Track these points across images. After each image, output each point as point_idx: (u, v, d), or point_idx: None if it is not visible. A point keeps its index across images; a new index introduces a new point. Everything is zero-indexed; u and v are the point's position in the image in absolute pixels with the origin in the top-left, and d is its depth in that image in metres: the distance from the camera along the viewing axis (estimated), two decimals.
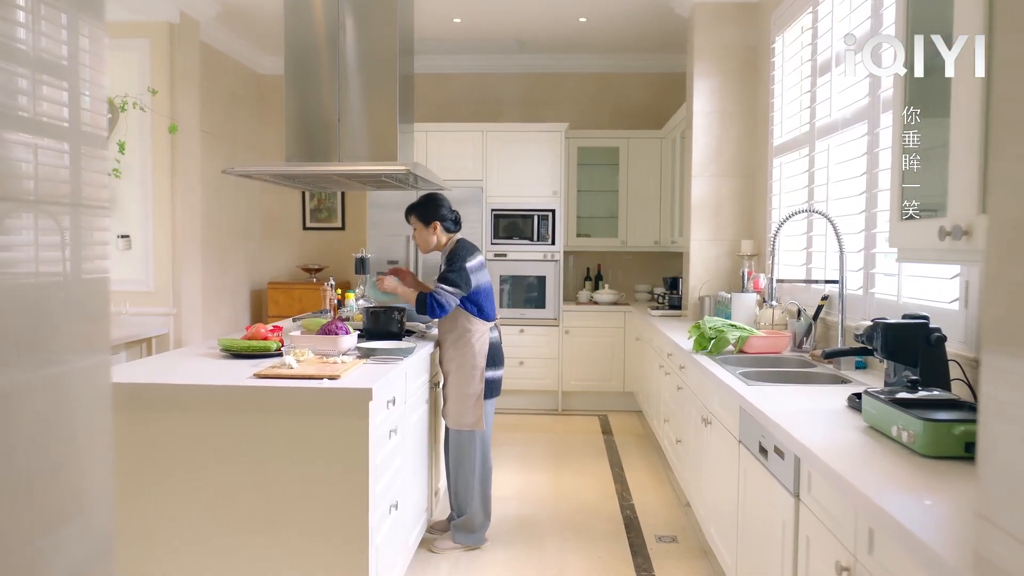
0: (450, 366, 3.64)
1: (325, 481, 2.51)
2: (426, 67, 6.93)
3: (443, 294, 3.48)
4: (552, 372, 6.55)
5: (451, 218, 3.73)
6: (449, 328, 3.65)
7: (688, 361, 3.78)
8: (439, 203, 3.71)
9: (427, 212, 3.69)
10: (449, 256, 3.62)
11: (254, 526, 2.54)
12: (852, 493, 1.69)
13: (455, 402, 3.61)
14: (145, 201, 5.38)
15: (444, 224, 3.70)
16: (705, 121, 5.25)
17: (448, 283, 3.50)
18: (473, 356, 3.60)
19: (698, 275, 5.35)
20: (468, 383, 3.59)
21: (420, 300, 3.50)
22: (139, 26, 5.32)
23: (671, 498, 4.42)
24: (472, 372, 3.59)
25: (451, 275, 3.52)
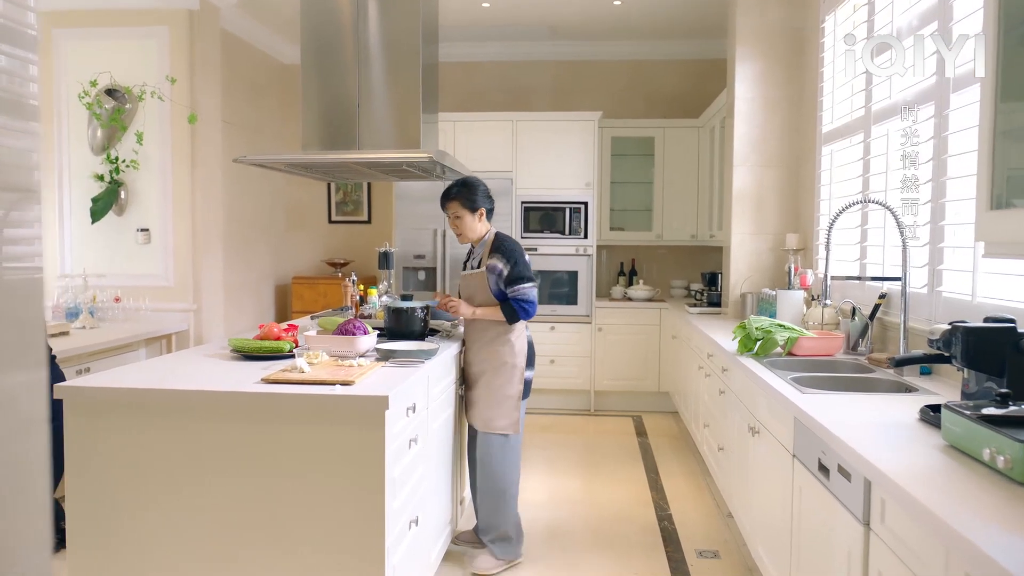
0: (484, 365, 3.40)
1: (337, 496, 2.30)
2: (453, 55, 6.71)
3: (524, 292, 3.31)
4: (584, 371, 6.30)
5: (492, 204, 3.51)
6: (486, 325, 3.41)
7: (732, 363, 3.52)
8: (483, 188, 3.47)
9: (473, 197, 3.40)
10: (501, 250, 3.35)
11: (260, 543, 2.34)
12: (943, 530, 1.43)
13: (489, 404, 3.38)
14: (164, 194, 5.23)
15: (488, 209, 3.46)
16: (747, 108, 4.96)
17: (524, 280, 3.32)
18: (513, 355, 3.38)
19: (739, 271, 5.06)
20: (507, 384, 3.36)
21: (508, 311, 3.31)
22: (157, 13, 5.16)
23: (711, 508, 4.16)
24: (512, 372, 3.37)
25: (524, 271, 3.34)
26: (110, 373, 2.68)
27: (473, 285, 3.42)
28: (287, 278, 7.16)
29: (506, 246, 3.36)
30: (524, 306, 3.31)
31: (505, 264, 3.32)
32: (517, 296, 3.30)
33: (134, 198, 5.25)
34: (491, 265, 3.33)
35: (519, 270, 3.32)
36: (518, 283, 3.31)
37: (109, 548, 2.40)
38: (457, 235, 3.47)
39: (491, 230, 3.48)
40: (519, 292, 3.30)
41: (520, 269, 3.33)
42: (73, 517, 2.41)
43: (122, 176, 5.20)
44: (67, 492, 2.42)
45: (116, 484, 2.38)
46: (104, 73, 5.11)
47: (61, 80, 5.23)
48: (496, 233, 3.46)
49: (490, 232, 3.47)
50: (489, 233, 3.46)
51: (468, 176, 3.51)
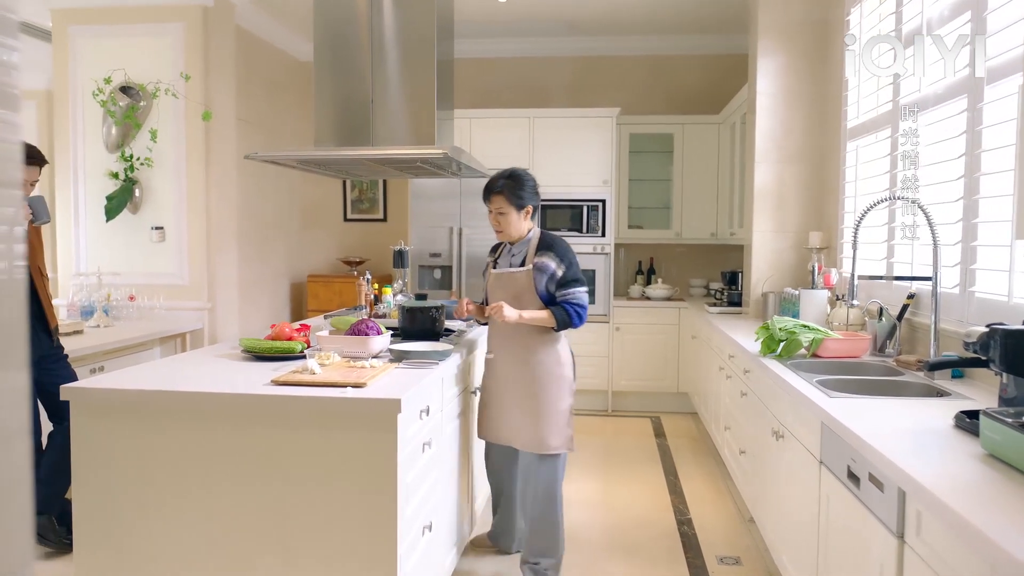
0: (526, 379, 3.08)
1: (348, 502, 2.23)
2: (469, 51, 6.64)
3: (578, 296, 3.03)
4: (602, 371, 6.22)
5: (539, 203, 3.20)
6: (527, 332, 3.08)
7: (754, 365, 3.42)
8: (532, 182, 3.14)
9: (521, 193, 3.08)
10: (553, 248, 3.06)
11: (268, 548, 2.28)
12: (986, 546, 1.35)
13: (540, 421, 3.06)
14: (179, 192, 5.20)
15: (535, 207, 3.14)
16: (769, 103, 4.85)
17: (578, 284, 3.05)
18: (560, 365, 3.10)
19: (760, 269, 4.95)
20: (557, 398, 3.08)
21: (561, 316, 3.01)
22: (172, 10, 5.13)
23: (732, 513, 4.06)
24: (561, 384, 3.09)
25: (578, 273, 3.07)
26: (117, 374, 2.63)
27: (513, 286, 3.09)
28: (302, 276, 7.13)
29: (559, 245, 3.09)
30: (579, 311, 3.02)
31: (559, 264, 3.04)
32: (570, 300, 3.02)
33: (149, 196, 5.23)
34: (541, 263, 3.04)
35: (574, 272, 3.06)
36: (571, 286, 3.03)
37: (116, 550, 2.35)
38: (497, 232, 3.16)
39: (535, 228, 3.19)
40: (573, 296, 3.03)
41: (575, 271, 3.07)
42: (80, 519, 2.37)
43: (137, 174, 5.18)
44: (74, 493, 2.37)
45: (123, 486, 2.33)
46: (119, 70, 5.08)
47: (77, 78, 5.21)
48: (541, 231, 3.18)
49: (534, 230, 3.18)
50: (533, 231, 3.17)
51: (516, 168, 3.17)
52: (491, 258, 3.31)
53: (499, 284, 3.15)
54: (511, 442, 3.18)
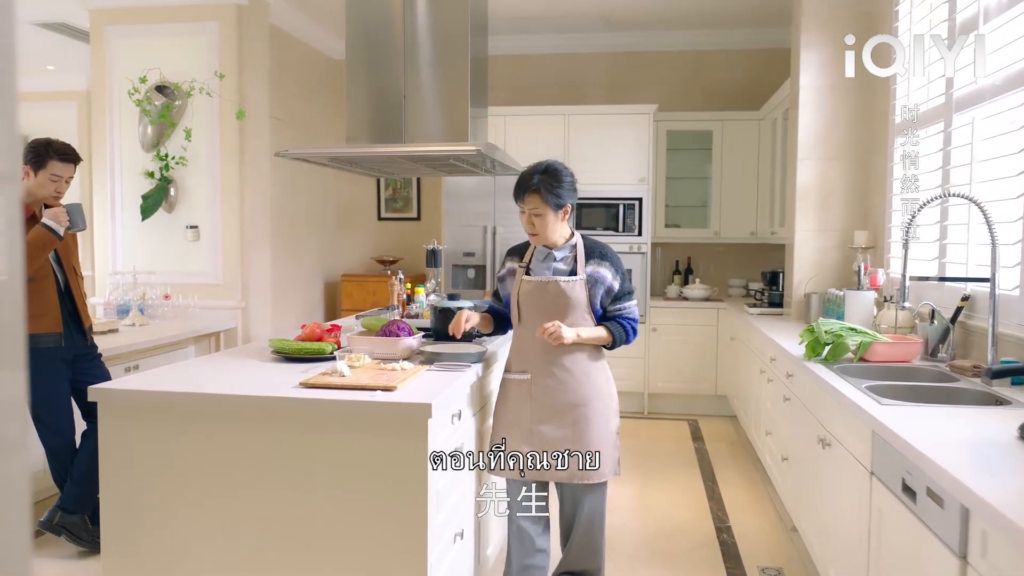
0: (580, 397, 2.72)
1: (376, 509, 2.17)
2: (504, 48, 6.57)
3: (632, 310, 2.78)
4: (638, 372, 6.10)
5: (576, 202, 2.80)
6: (576, 350, 2.73)
7: (798, 369, 3.29)
8: (570, 178, 2.74)
9: (559, 191, 2.67)
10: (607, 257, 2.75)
11: (294, 555, 2.22)
12: None
13: (592, 446, 2.72)
14: (213, 191, 5.20)
15: (574, 206, 2.77)
16: (813, 97, 4.69)
17: (631, 296, 2.79)
18: (609, 382, 2.84)
19: (803, 269, 4.80)
20: (608, 418, 2.80)
21: (618, 332, 2.75)
22: (207, 8, 5.13)
23: (773, 521, 3.93)
24: (611, 403, 2.82)
25: (630, 287, 2.81)
26: (144, 375, 2.60)
27: (562, 296, 2.68)
28: (336, 275, 7.11)
29: (612, 253, 2.78)
30: (634, 326, 2.77)
31: (615, 276, 2.73)
32: (625, 315, 2.75)
33: (183, 195, 5.24)
34: (598, 274, 2.70)
35: (628, 284, 2.79)
36: (626, 299, 2.76)
37: (143, 552, 2.32)
38: (531, 235, 2.74)
39: (576, 233, 2.82)
40: (627, 311, 2.76)
41: (629, 283, 2.80)
42: (107, 520, 2.34)
43: (171, 173, 5.19)
44: (102, 494, 2.35)
45: (150, 488, 2.30)
46: (154, 69, 5.10)
47: (114, 77, 5.24)
48: (584, 235, 2.83)
49: (576, 235, 2.80)
50: (576, 236, 2.80)
51: (552, 161, 2.75)
52: (517, 263, 2.84)
53: (541, 296, 2.70)
54: (547, 476, 2.74)
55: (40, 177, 3.24)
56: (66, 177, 3.30)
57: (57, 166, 3.25)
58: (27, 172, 3.27)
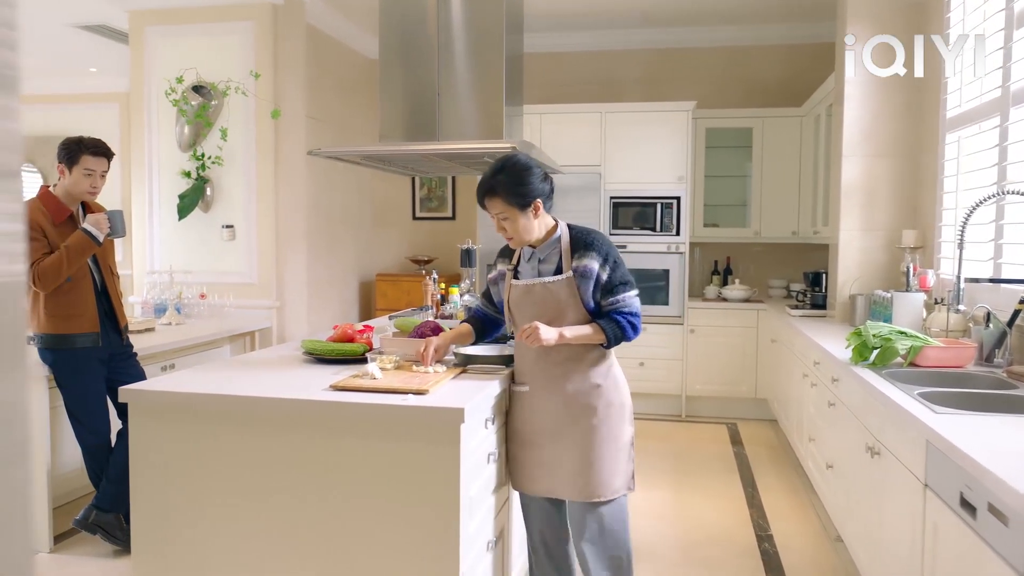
0: (582, 408, 2.48)
1: (407, 515, 2.12)
2: (540, 46, 6.49)
3: (629, 302, 2.46)
4: (675, 374, 5.99)
5: (549, 190, 2.50)
6: (571, 354, 2.48)
7: (844, 373, 3.17)
8: (530, 170, 2.45)
9: (521, 188, 2.41)
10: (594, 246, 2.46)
11: (323, 560, 2.18)
12: None
13: (598, 461, 2.48)
14: (248, 190, 5.21)
15: (545, 200, 2.48)
16: (859, 92, 4.54)
17: (627, 286, 2.47)
18: (618, 390, 2.55)
19: (847, 270, 4.66)
20: (620, 428, 2.54)
21: (611, 329, 2.43)
22: (244, 8, 5.14)
23: (816, 529, 3.81)
24: (622, 412, 2.56)
25: (627, 273, 2.49)
26: (175, 376, 2.58)
27: (550, 300, 2.45)
28: (371, 275, 7.11)
29: (599, 240, 2.47)
30: (632, 320, 2.44)
31: (603, 265, 2.44)
32: (621, 308, 2.43)
33: (219, 194, 5.25)
34: (584, 268, 2.42)
35: (621, 272, 2.47)
36: (620, 290, 2.44)
37: (172, 552, 2.30)
38: (508, 239, 2.52)
39: (559, 224, 2.54)
40: (623, 303, 2.44)
41: (622, 271, 2.48)
42: (137, 520, 2.33)
43: (208, 172, 5.21)
44: (132, 494, 2.33)
45: (179, 489, 2.28)
46: (190, 69, 5.12)
47: (152, 78, 5.28)
48: (570, 225, 2.55)
49: (560, 226, 2.52)
50: (560, 228, 2.52)
51: (511, 155, 2.53)
52: (506, 265, 2.63)
53: (529, 299, 2.49)
54: (554, 492, 2.53)
55: (75, 174, 3.27)
56: (100, 171, 3.31)
57: (89, 160, 3.27)
58: (62, 171, 3.30)
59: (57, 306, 3.27)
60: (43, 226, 3.22)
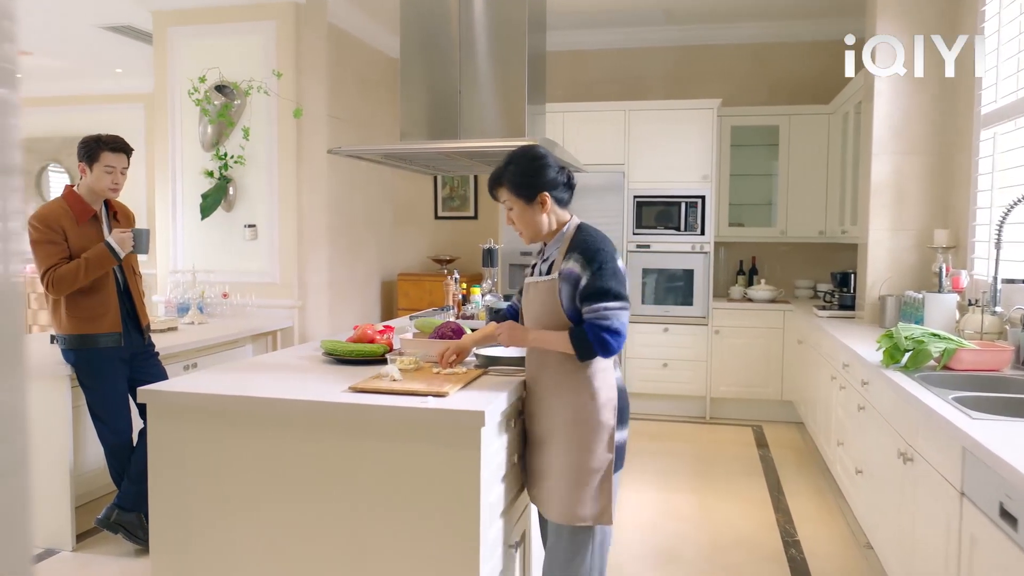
0: (554, 421, 2.30)
1: (426, 519, 2.08)
2: (563, 44, 6.44)
3: (608, 313, 2.20)
4: (699, 376, 5.91)
5: (563, 181, 2.36)
6: (555, 361, 2.30)
7: (874, 376, 3.10)
8: (541, 160, 2.34)
9: (528, 180, 2.31)
10: (582, 248, 2.26)
11: (340, 564, 2.15)
12: None
13: (566, 483, 2.26)
14: (270, 190, 5.21)
15: (555, 194, 2.34)
16: (889, 89, 4.44)
17: (608, 296, 2.20)
18: (596, 407, 2.26)
19: (877, 271, 4.56)
20: (590, 451, 2.25)
21: (578, 340, 2.20)
22: (266, 8, 5.14)
23: (845, 535, 3.72)
24: (597, 433, 2.25)
25: (610, 281, 2.21)
26: (193, 376, 2.57)
27: (538, 299, 2.33)
28: (393, 275, 7.09)
29: (591, 243, 2.27)
30: (604, 336, 2.18)
31: (584, 268, 2.22)
32: (596, 319, 2.19)
33: (242, 194, 5.26)
34: (568, 271, 2.24)
35: (603, 280, 2.21)
36: (597, 299, 2.20)
37: (190, 553, 2.28)
38: (519, 234, 2.42)
39: (571, 221, 2.39)
40: (598, 314, 2.19)
41: (605, 279, 2.21)
42: (156, 521, 2.32)
43: (230, 172, 5.22)
44: (150, 495, 2.32)
45: (197, 489, 2.26)
46: (213, 69, 5.13)
47: (175, 78, 5.30)
48: (580, 225, 2.37)
49: (570, 224, 2.38)
50: (569, 225, 2.38)
51: (525, 147, 2.41)
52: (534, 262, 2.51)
53: (527, 299, 2.39)
54: (534, 501, 2.42)
55: (96, 171, 3.28)
56: (120, 168, 3.33)
57: (109, 156, 3.28)
58: (83, 169, 3.31)
59: (79, 307, 3.28)
60: (65, 228, 3.23)
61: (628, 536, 3.66)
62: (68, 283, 3.18)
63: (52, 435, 3.41)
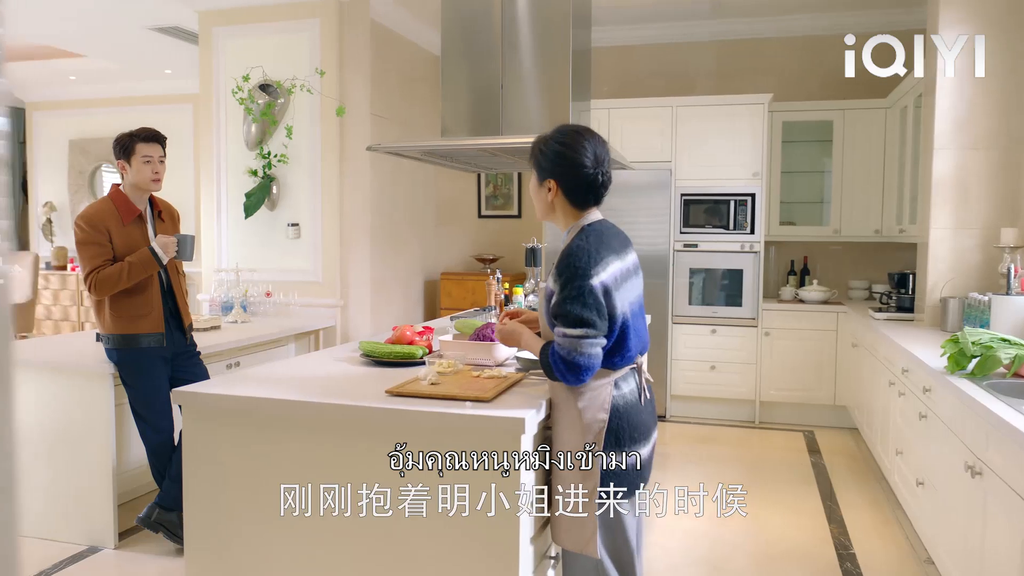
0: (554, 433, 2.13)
1: (464, 525, 2.00)
2: (608, 39, 6.32)
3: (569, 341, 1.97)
4: (748, 379, 5.74)
5: (584, 178, 2.06)
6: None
7: (938, 383, 2.93)
8: (570, 149, 2.06)
9: (541, 157, 2.11)
10: (564, 256, 2.03)
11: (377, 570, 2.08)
12: None
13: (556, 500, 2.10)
14: (313, 188, 5.20)
15: (565, 184, 2.08)
16: (952, 81, 4.23)
17: (569, 320, 1.97)
18: (580, 421, 2.04)
19: (938, 271, 4.35)
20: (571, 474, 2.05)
21: (543, 359, 2.05)
22: (308, 5, 5.13)
23: (904, 549, 3.55)
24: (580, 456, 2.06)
25: (574, 305, 1.96)
26: (227, 378, 2.54)
27: (541, 303, 2.17)
28: (436, 274, 7.05)
29: (572, 255, 2.00)
30: (558, 364, 1.98)
31: (555, 283, 2.01)
32: (558, 343, 1.99)
33: (285, 193, 5.26)
34: (546, 283, 2.09)
35: (567, 303, 1.96)
36: (562, 322, 1.98)
37: (224, 555, 2.25)
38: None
39: (583, 219, 2.11)
40: (559, 340, 1.99)
41: (570, 301, 1.96)
42: (190, 521, 2.30)
43: (273, 171, 5.22)
44: (184, 497, 2.30)
45: (231, 492, 2.23)
46: (256, 68, 5.14)
47: (220, 78, 5.32)
48: (584, 228, 2.09)
49: (579, 222, 2.11)
50: (576, 224, 2.11)
51: (578, 126, 2.17)
52: None
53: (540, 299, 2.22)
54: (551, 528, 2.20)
55: (134, 164, 3.29)
56: (156, 156, 3.33)
57: (143, 147, 3.30)
58: (123, 166, 3.33)
59: (123, 306, 3.29)
60: (110, 229, 3.25)
61: (674, 544, 3.55)
62: (110, 285, 3.20)
63: (96, 433, 3.42)
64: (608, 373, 2.08)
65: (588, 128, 2.16)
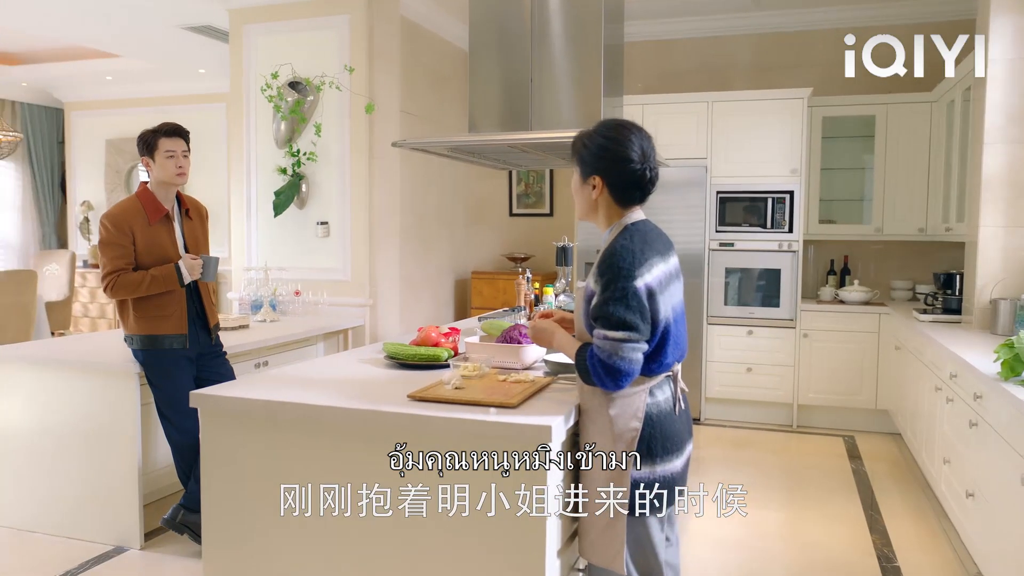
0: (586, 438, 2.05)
1: (488, 535, 1.92)
2: (643, 34, 6.20)
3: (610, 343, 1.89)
4: (786, 382, 5.58)
5: (631, 174, 1.99)
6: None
7: (990, 390, 2.78)
8: (614, 138, 1.99)
9: (584, 152, 2.03)
10: (606, 256, 1.96)
11: None
12: None
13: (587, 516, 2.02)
14: (342, 186, 5.16)
15: (611, 181, 2.01)
16: (1005, 72, 4.05)
17: (611, 322, 1.90)
18: (611, 439, 1.96)
19: (988, 272, 4.17)
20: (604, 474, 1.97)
21: (579, 361, 1.98)
22: (337, 2, 5.09)
23: (950, 562, 3.39)
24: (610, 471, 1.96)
25: (617, 307, 1.89)
26: (247, 381, 2.49)
27: (578, 303, 2.10)
28: (466, 273, 6.98)
29: (616, 255, 1.93)
30: (596, 367, 1.90)
31: (596, 284, 1.95)
32: (597, 347, 1.92)
33: (314, 191, 5.23)
34: (587, 283, 2.01)
35: (608, 304, 1.90)
36: (603, 325, 1.91)
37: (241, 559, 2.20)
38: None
39: (626, 217, 2.04)
40: (599, 342, 1.91)
41: (612, 302, 1.89)
42: (208, 523, 2.26)
43: (302, 169, 5.19)
44: (203, 499, 2.25)
45: (249, 495, 2.18)
46: (285, 65, 5.11)
47: (250, 75, 5.30)
48: (627, 227, 2.01)
49: (621, 221, 2.04)
50: (619, 223, 2.04)
51: (623, 120, 2.07)
52: None
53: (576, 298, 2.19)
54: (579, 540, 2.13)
55: (158, 160, 3.28)
56: (180, 151, 3.31)
57: (166, 142, 3.28)
58: (147, 164, 3.32)
59: (147, 307, 3.28)
60: (135, 229, 3.23)
61: (709, 553, 3.43)
62: (128, 292, 3.21)
63: (122, 433, 3.41)
64: (643, 380, 1.99)
65: (633, 122, 2.07)
